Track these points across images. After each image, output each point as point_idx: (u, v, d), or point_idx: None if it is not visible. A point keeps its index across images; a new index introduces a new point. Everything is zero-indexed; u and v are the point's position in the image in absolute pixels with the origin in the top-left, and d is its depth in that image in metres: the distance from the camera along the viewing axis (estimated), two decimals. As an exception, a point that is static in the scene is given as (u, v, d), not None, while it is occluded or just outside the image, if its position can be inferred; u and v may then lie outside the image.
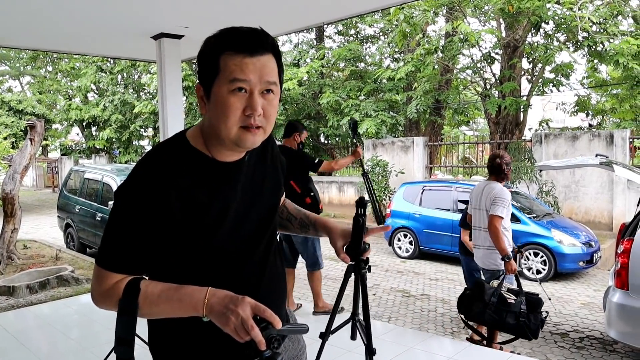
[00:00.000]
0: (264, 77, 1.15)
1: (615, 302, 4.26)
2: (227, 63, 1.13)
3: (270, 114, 1.18)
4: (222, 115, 1.14)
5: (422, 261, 8.85)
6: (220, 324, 1.05)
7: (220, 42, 1.16)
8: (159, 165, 1.18)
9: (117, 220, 1.17)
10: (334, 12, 4.89)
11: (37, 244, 9.23)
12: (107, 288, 1.16)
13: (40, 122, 7.57)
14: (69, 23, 4.72)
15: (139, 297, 1.11)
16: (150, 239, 1.16)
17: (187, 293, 1.10)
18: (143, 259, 1.18)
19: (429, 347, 3.93)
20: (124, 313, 1.12)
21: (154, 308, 1.13)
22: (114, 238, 1.17)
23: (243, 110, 1.14)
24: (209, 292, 1.08)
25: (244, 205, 1.26)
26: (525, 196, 9.19)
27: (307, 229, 1.57)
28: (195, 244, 1.19)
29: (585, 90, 14.54)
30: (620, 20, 12.23)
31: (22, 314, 4.86)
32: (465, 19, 12.74)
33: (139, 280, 1.15)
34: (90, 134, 22.37)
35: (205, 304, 1.07)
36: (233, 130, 1.15)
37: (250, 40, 1.15)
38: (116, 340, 1.12)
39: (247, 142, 1.17)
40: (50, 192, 24.24)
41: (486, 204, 4.04)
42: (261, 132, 1.18)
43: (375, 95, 14.86)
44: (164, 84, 5.31)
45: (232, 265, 1.24)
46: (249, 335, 1.01)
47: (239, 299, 1.05)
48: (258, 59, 1.14)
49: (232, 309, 1.03)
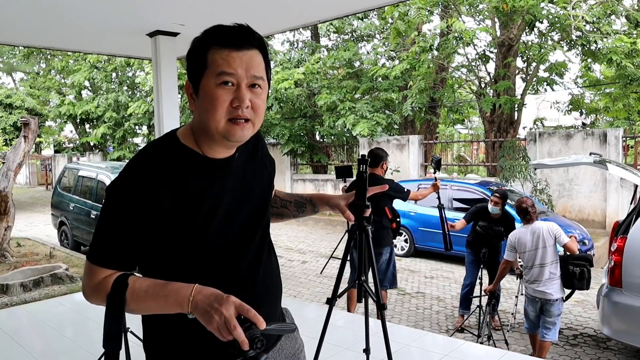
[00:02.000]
0: (250, 70, 1.17)
1: (608, 300, 4.30)
2: (215, 57, 1.16)
3: (259, 107, 1.20)
4: (211, 107, 1.16)
5: (417, 259, 8.88)
6: (204, 321, 1.05)
7: (207, 38, 1.18)
8: (150, 162, 1.19)
9: (107, 216, 1.18)
10: (329, 11, 4.88)
11: (30, 242, 9.18)
12: (97, 283, 1.17)
13: (35, 120, 7.54)
14: (64, 20, 4.68)
15: (127, 293, 1.12)
16: (140, 235, 1.16)
17: (174, 290, 1.11)
18: (133, 255, 1.19)
19: (424, 344, 3.95)
20: (112, 308, 1.13)
21: (140, 304, 1.13)
22: (104, 234, 1.18)
23: (230, 103, 1.16)
24: (194, 290, 1.08)
25: (235, 201, 1.27)
26: (520, 194, 9.22)
27: (304, 207, 1.58)
28: (186, 240, 1.19)
29: (579, 89, 14.62)
30: (613, 19, 12.29)
31: (16, 313, 4.84)
32: (460, 17, 12.75)
33: (127, 275, 1.15)
34: (84, 130, 22.26)
35: (191, 301, 1.07)
36: (221, 123, 1.16)
37: (236, 35, 1.18)
38: (104, 335, 1.13)
39: (236, 135, 1.18)
40: (44, 190, 24.12)
41: (548, 241, 4.39)
42: (249, 126, 1.20)
43: (371, 94, 14.87)
44: (159, 81, 5.28)
45: (226, 262, 1.24)
46: (232, 334, 1.01)
47: (223, 297, 1.05)
48: (245, 53, 1.17)
49: (216, 308, 1.03)
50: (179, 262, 1.21)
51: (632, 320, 4.16)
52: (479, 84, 14.06)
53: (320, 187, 14.62)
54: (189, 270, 1.20)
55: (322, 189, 14.57)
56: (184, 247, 1.20)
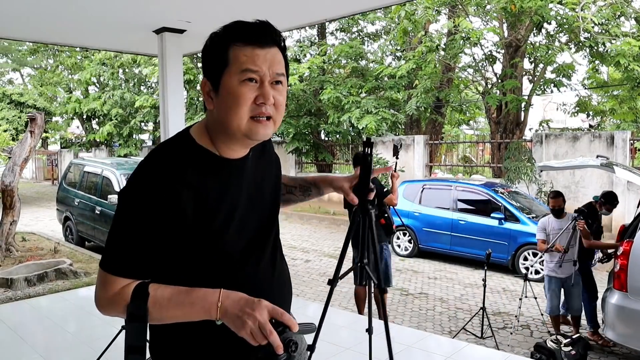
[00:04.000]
0: (273, 68, 1.14)
1: (613, 304, 4.27)
2: (237, 54, 1.12)
3: (280, 103, 1.17)
4: (234, 105, 1.12)
5: (421, 260, 8.85)
6: (235, 327, 1.02)
7: (228, 34, 1.15)
8: (167, 163, 1.13)
9: (123, 222, 1.12)
10: (337, 9, 4.87)
11: (35, 237, 9.22)
12: (114, 293, 1.10)
13: (41, 115, 7.56)
14: (70, 15, 4.69)
15: (149, 302, 1.07)
16: (158, 242, 1.11)
17: (199, 296, 1.07)
18: (151, 263, 1.13)
19: (427, 346, 3.93)
20: (134, 319, 1.07)
21: (164, 313, 1.08)
22: (120, 241, 1.12)
23: (254, 100, 1.13)
24: (222, 295, 1.05)
25: (249, 202, 1.24)
26: (525, 196, 9.19)
27: (309, 191, 1.56)
28: (204, 244, 1.15)
29: (586, 91, 14.53)
30: (622, 21, 12.20)
31: (20, 307, 4.86)
32: (467, 17, 12.70)
33: (147, 284, 1.10)
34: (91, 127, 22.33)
35: (219, 307, 1.04)
36: (244, 121, 1.13)
37: (259, 32, 1.14)
38: (126, 349, 1.08)
39: (259, 134, 1.15)
40: (50, 185, 24.23)
41: None
42: (271, 124, 1.17)
43: (376, 93, 14.84)
44: (165, 78, 5.28)
45: (242, 265, 1.21)
46: (267, 339, 0.98)
47: (255, 302, 1.02)
48: (268, 50, 1.14)
49: (249, 313, 1.00)
50: (195, 267, 1.17)
51: (637, 325, 4.13)
52: (486, 84, 14.00)
53: (325, 186, 14.60)
54: (205, 274, 1.16)
55: (327, 187, 14.55)
56: (201, 251, 1.16)
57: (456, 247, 8.50)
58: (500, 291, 6.93)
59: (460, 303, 6.40)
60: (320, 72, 14.89)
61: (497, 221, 8.02)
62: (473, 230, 8.28)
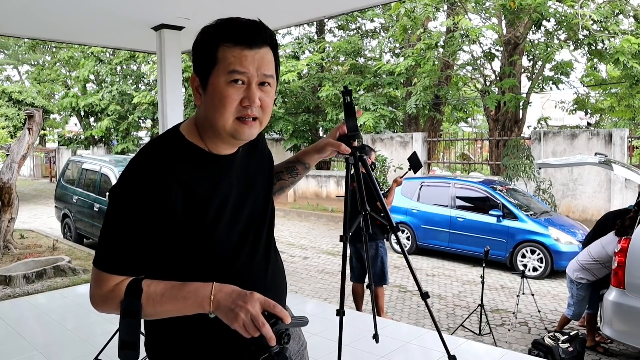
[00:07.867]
0: (261, 69, 1.14)
1: (611, 301, 4.28)
2: (226, 54, 1.12)
3: (267, 105, 1.18)
4: (219, 105, 1.13)
5: (419, 257, 8.87)
6: (228, 320, 1.03)
7: (218, 32, 1.14)
8: (157, 160, 1.15)
9: (115, 220, 1.13)
10: (336, 6, 4.87)
11: (34, 234, 9.22)
12: (108, 291, 1.12)
13: (39, 112, 7.54)
14: (69, 12, 4.67)
15: (142, 298, 1.09)
16: (150, 238, 1.12)
17: (192, 290, 1.08)
18: (143, 259, 1.14)
19: (425, 342, 3.94)
20: (127, 315, 1.09)
21: (157, 308, 1.10)
22: (112, 238, 1.13)
23: (240, 102, 1.13)
24: (214, 288, 1.06)
25: (240, 197, 1.25)
26: (523, 193, 9.21)
27: (295, 170, 1.56)
28: (195, 239, 1.16)
29: (585, 89, 14.54)
30: (621, 19, 12.20)
31: (19, 304, 4.86)
32: (466, 15, 12.69)
33: (140, 280, 1.12)
34: (89, 123, 22.29)
35: (212, 301, 1.05)
36: (229, 122, 1.14)
37: (249, 33, 1.14)
38: (120, 344, 1.09)
39: (244, 134, 1.16)
40: (48, 182, 24.19)
41: None
42: (257, 124, 1.18)
43: (374, 90, 14.83)
44: (163, 75, 5.27)
45: (235, 259, 1.22)
46: (260, 332, 1.00)
47: (247, 294, 1.04)
48: (257, 51, 1.14)
49: (241, 305, 1.02)
50: (188, 262, 1.18)
51: (635, 322, 4.14)
52: (484, 82, 14.00)
53: (323, 183, 14.61)
54: (198, 269, 1.17)
55: (325, 185, 14.57)
56: (193, 247, 1.17)
57: (454, 244, 8.52)
58: (498, 288, 6.95)
59: (459, 300, 6.42)
60: (318, 69, 14.88)
61: (495, 218, 8.03)
62: (471, 228, 8.29)
